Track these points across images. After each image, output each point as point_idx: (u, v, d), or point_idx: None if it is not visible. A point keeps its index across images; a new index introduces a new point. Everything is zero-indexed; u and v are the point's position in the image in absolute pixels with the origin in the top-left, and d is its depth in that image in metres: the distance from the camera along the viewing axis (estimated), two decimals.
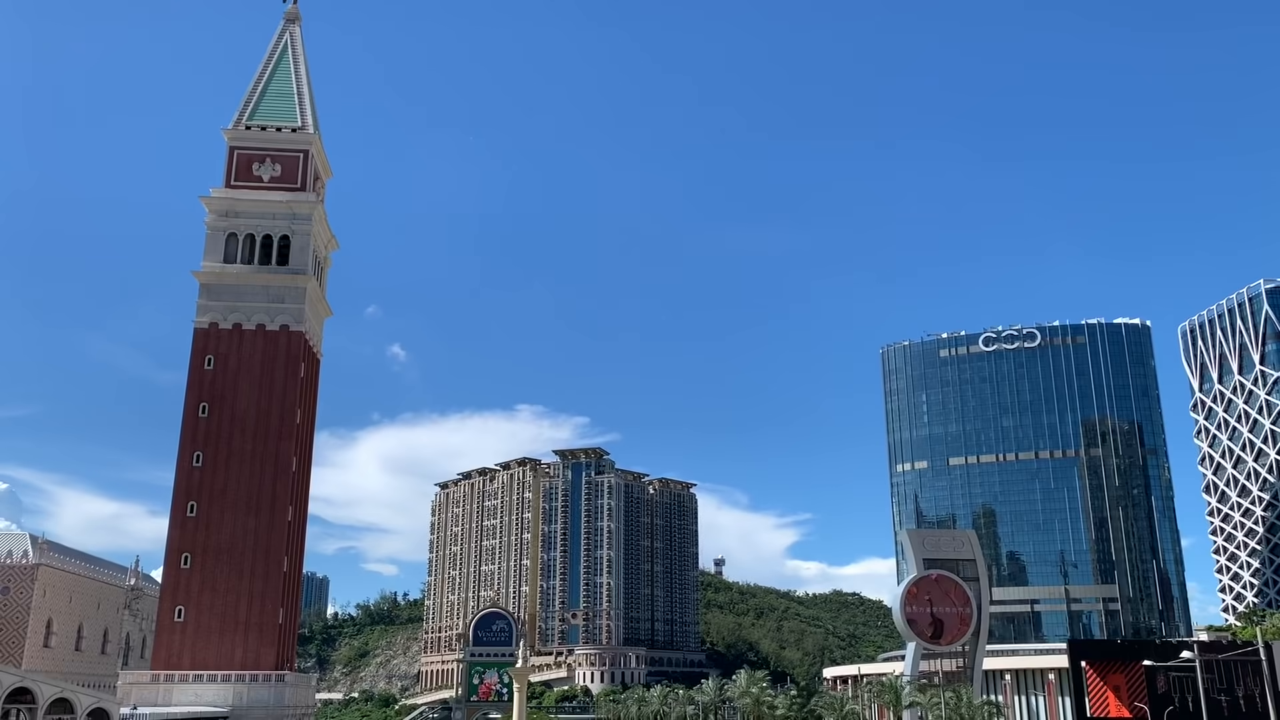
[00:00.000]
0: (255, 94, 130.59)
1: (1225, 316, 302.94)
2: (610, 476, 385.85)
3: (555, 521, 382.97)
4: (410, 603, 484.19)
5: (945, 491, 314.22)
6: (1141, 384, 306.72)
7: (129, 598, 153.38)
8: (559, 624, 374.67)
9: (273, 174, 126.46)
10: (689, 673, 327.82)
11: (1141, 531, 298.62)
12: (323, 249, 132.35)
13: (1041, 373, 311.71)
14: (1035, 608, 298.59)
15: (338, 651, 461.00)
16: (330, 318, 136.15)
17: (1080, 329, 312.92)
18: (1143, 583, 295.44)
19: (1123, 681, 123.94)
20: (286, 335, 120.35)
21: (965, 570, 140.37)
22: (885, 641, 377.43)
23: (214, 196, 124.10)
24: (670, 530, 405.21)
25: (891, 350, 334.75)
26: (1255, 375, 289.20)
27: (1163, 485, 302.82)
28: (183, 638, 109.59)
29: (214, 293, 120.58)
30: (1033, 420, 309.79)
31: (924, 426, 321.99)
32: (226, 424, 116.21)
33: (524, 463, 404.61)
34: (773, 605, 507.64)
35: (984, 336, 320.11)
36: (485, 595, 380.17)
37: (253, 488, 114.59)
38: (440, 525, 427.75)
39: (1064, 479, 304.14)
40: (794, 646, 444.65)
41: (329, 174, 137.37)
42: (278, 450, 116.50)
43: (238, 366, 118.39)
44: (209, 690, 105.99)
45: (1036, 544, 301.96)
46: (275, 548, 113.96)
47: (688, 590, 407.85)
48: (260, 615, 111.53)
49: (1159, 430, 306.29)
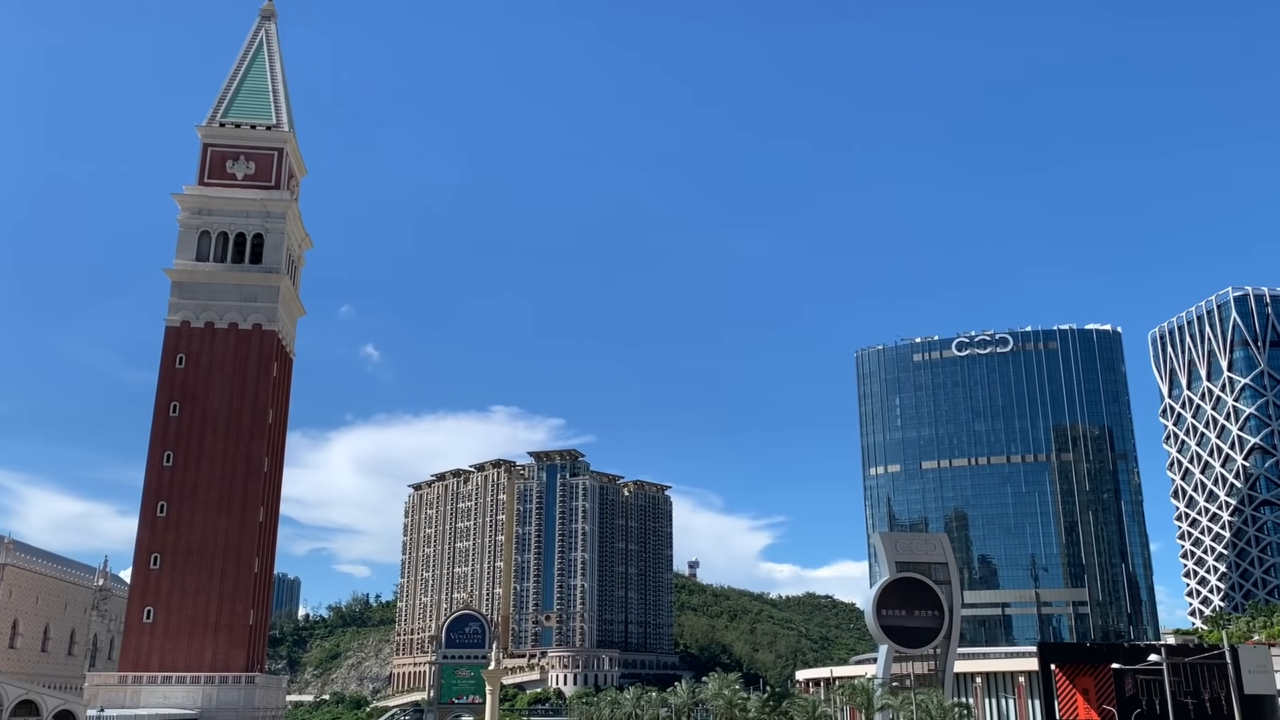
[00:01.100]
0: (230, 91, 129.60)
1: (1194, 323, 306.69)
2: (585, 478, 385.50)
3: (529, 523, 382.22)
4: (382, 604, 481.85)
5: (918, 495, 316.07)
6: (1112, 389, 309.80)
7: (97, 598, 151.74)
8: (532, 626, 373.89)
9: (247, 172, 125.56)
10: (662, 675, 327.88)
11: (1111, 535, 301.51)
12: (296, 248, 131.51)
13: (1014, 377, 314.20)
14: (1006, 611, 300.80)
15: (309, 653, 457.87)
16: (303, 317, 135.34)
17: (1052, 334, 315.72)
18: (1112, 586, 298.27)
19: (1091, 684, 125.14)
20: (259, 334, 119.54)
21: (937, 573, 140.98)
22: (858, 644, 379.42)
23: (187, 194, 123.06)
24: (645, 532, 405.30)
25: (866, 354, 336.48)
26: (1223, 381, 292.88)
27: (1132, 490, 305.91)
28: (151, 639, 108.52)
29: (186, 291, 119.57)
30: (1004, 424, 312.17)
31: (897, 430, 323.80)
32: (198, 423, 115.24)
33: (498, 464, 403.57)
34: (746, 608, 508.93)
35: (957, 341, 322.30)
36: (458, 597, 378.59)
37: (224, 488, 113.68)
38: (413, 527, 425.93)
39: (1035, 483, 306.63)
40: (767, 649, 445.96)
41: (303, 172, 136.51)
42: (249, 450, 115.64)
43: (209, 365, 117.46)
44: (178, 692, 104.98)
45: (1008, 547, 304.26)
46: (246, 548, 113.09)
47: (662, 593, 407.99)
48: (230, 616, 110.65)
49: (1129, 435, 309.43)
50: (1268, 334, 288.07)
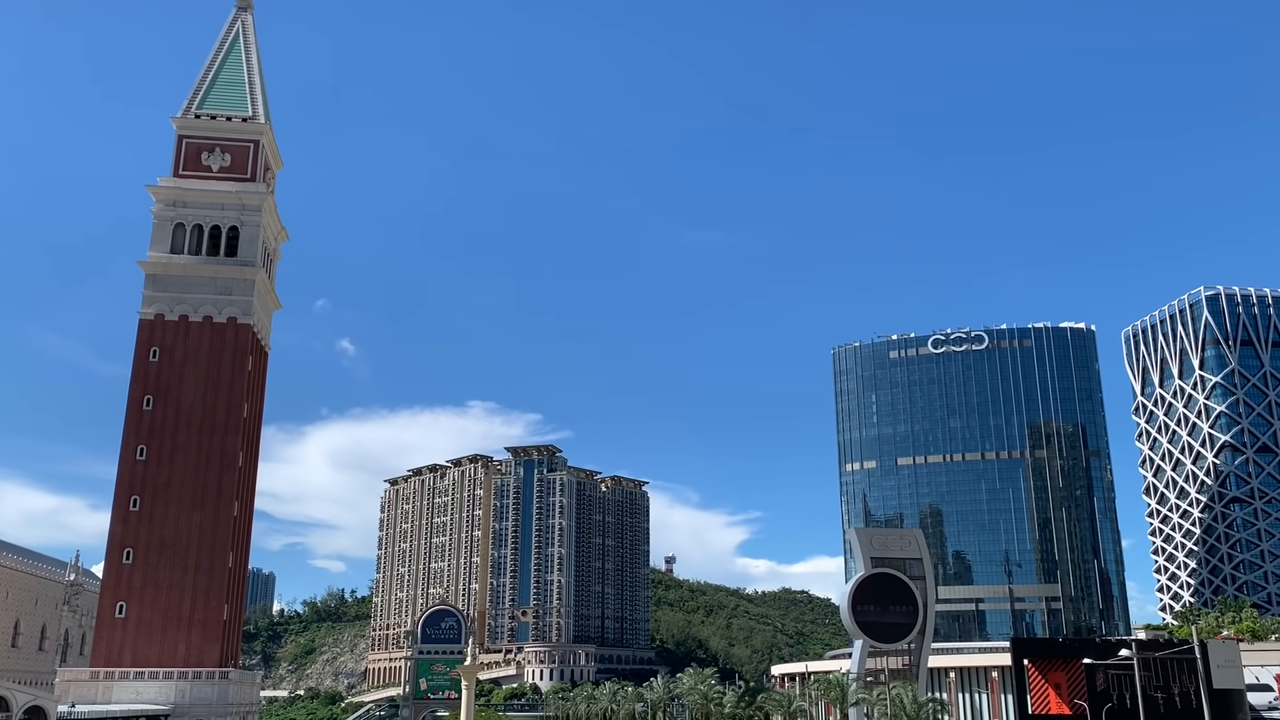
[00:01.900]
0: (205, 82, 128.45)
1: (1167, 322, 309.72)
2: (562, 474, 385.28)
3: (506, 519, 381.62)
4: (358, 600, 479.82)
5: (893, 491, 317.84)
6: (1085, 387, 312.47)
7: (68, 593, 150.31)
8: (509, 621, 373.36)
9: (222, 164, 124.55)
10: (639, 670, 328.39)
11: (1084, 532, 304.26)
12: (272, 240, 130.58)
13: (989, 375, 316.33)
14: (980, 606, 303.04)
15: (283, 648, 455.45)
16: (279, 310, 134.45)
17: (1027, 332, 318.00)
18: (1084, 582, 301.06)
19: (1063, 679, 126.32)
20: (234, 328, 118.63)
21: (912, 569, 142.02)
22: (833, 639, 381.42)
23: (161, 186, 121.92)
24: (622, 528, 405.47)
25: (843, 351, 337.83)
26: (1195, 380, 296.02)
27: (1105, 487, 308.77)
28: (124, 634, 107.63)
29: (160, 283, 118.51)
30: (979, 421, 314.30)
31: (873, 427, 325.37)
32: (171, 417, 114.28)
33: (475, 459, 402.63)
34: (722, 603, 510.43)
35: (933, 338, 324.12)
36: (435, 592, 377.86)
37: (198, 482, 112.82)
38: (389, 522, 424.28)
39: (1009, 480, 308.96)
40: (743, 644, 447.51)
41: (280, 165, 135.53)
42: (224, 444, 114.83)
43: (184, 359, 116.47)
44: (150, 688, 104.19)
45: (982, 543, 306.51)
46: (220, 543, 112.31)
47: (638, 588, 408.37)
48: (204, 611, 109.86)
49: (1102, 433, 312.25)
50: (1239, 333, 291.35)
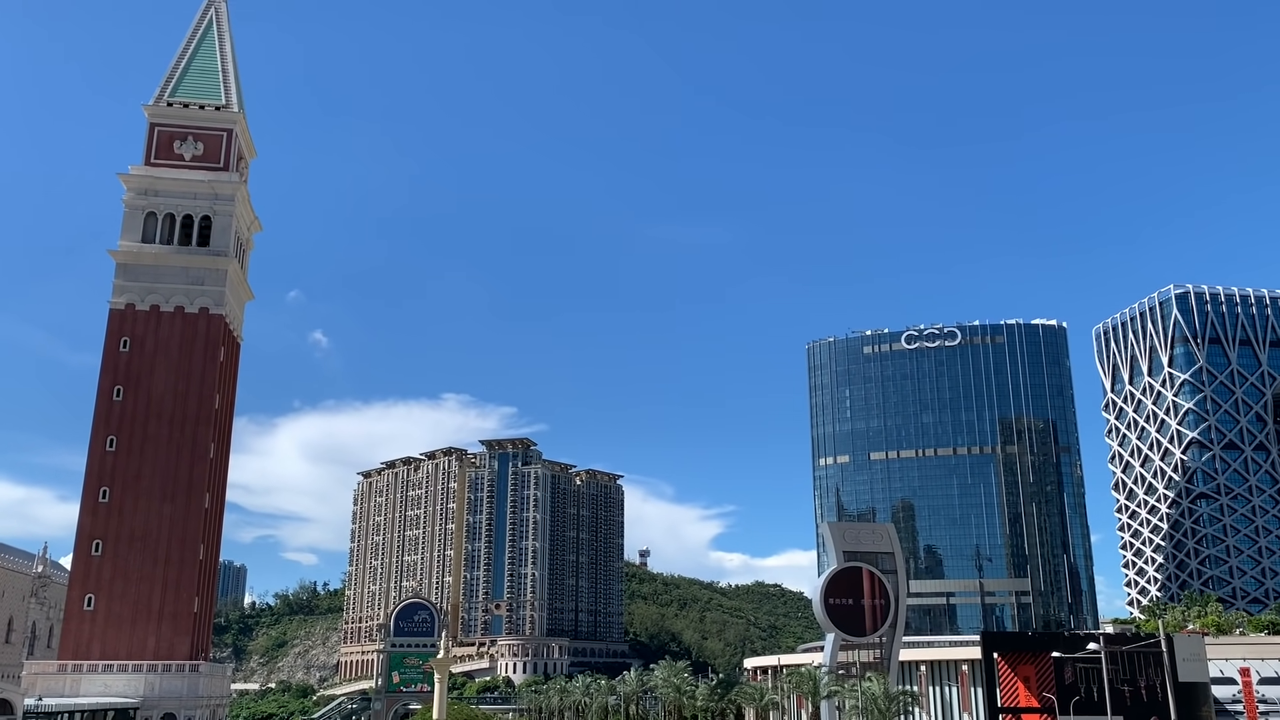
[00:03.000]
0: (178, 70, 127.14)
1: (1137, 320, 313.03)
2: (537, 467, 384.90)
3: (480, 512, 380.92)
4: (330, 592, 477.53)
5: (866, 485, 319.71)
6: (1057, 383, 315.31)
7: (36, 585, 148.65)
8: (482, 614, 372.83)
9: (195, 152, 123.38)
10: (612, 663, 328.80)
11: (1053, 527, 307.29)
12: (245, 230, 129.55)
13: (961, 371, 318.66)
14: (951, 600, 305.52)
15: (255, 641, 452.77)
16: (251, 301, 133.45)
17: (999, 329, 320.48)
18: (1053, 576, 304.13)
19: (1032, 672, 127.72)
20: (206, 318, 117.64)
21: (884, 563, 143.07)
22: (805, 632, 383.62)
23: (133, 174, 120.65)
24: (596, 521, 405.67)
25: (817, 346, 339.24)
26: (1164, 377, 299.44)
27: (1074, 482, 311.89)
28: (92, 627, 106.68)
29: (131, 273, 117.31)
30: (952, 417, 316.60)
31: (847, 422, 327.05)
32: (142, 408, 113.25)
33: (449, 452, 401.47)
34: (696, 596, 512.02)
35: (906, 334, 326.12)
36: (407, 585, 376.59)
37: (168, 474, 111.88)
38: (362, 514, 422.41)
39: (980, 475, 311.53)
40: (716, 637, 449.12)
41: (253, 154, 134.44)
42: (195, 436, 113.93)
43: (155, 349, 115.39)
44: (119, 680, 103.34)
45: (953, 538, 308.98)
46: (191, 535, 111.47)
47: (612, 581, 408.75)
48: (174, 604, 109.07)
49: (1072, 429, 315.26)
50: (1207, 331, 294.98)
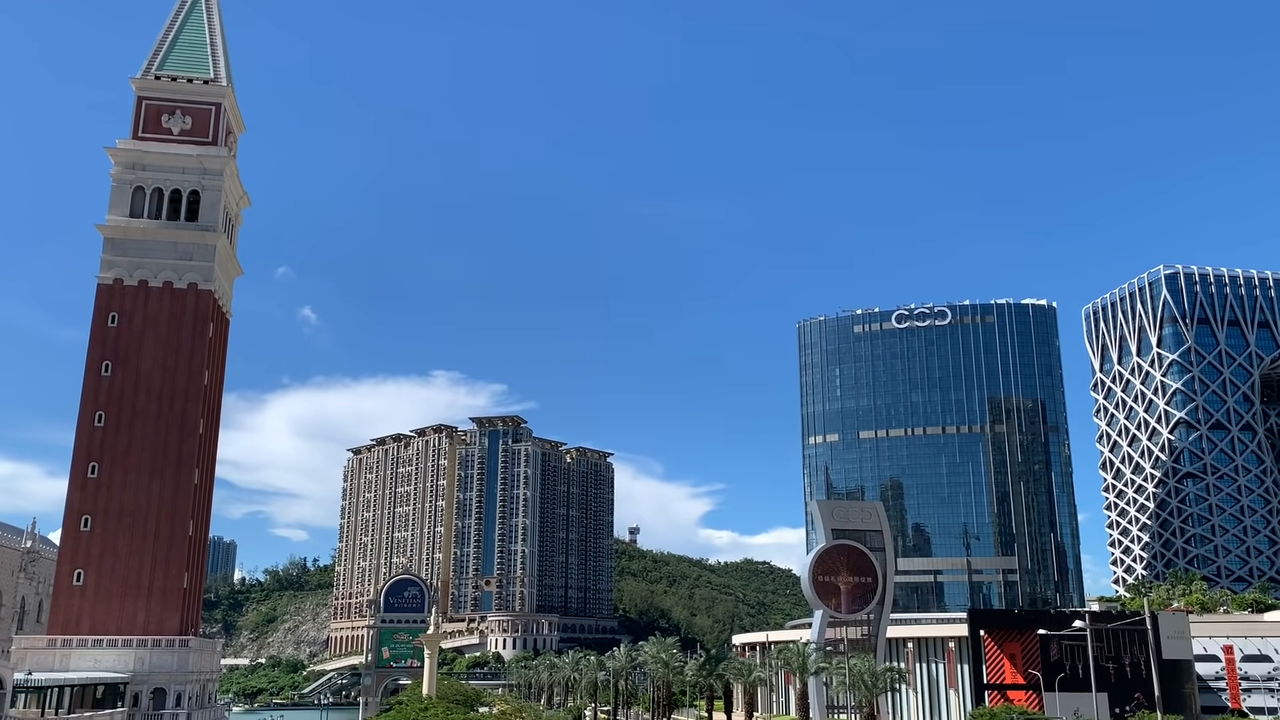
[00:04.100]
0: (166, 43, 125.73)
1: (1127, 300, 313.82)
2: (527, 445, 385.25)
3: (471, 489, 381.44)
4: (320, 568, 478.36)
5: (855, 464, 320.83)
6: (1046, 363, 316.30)
7: (25, 560, 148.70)
8: (472, 591, 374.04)
9: (183, 126, 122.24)
10: (601, 639, 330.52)
11: (1041, 506, 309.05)
12: (234, 206, 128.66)
13: (951, 350, 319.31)
14: (938, 578, 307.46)
15: (245, 617, 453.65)
16: (240, 277, 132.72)
17: (989, 308, 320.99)
18: (1040, 555, 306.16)
19: (1018, 650, 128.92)
20: (195, 294, 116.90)
21: (872, 541, 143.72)
22: (794, 609, 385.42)
23: (120, 148, 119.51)
24: (586, 499, 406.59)
25: (807, 325, 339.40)
26: (1152, 357, 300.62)
27: (1062, 462, 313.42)
28: (82, 602, 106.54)
29: (119, 248, 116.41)
30: (941, 396, 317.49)
31: (836, 400, 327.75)
32: (130, 383, 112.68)
33: (440, 429, 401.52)
34: (685, 573, 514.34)
35: (897, 313, 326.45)
36: (398, 562, 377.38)
37: (157, 449, 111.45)
38: (352, 491, 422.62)
39: (969, 454, 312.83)
40: (705, 614, 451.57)
41: (242, 128, 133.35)
42: (184, 412, 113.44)
43: (143, 325, 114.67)
44: (109, 655, 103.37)
45: (941, 516, 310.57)
46: (180, 511, 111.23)
47: (602, 558, 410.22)
48: (164, 579, 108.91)
49: (1061, 408, 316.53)
50: (1196, 311, 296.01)
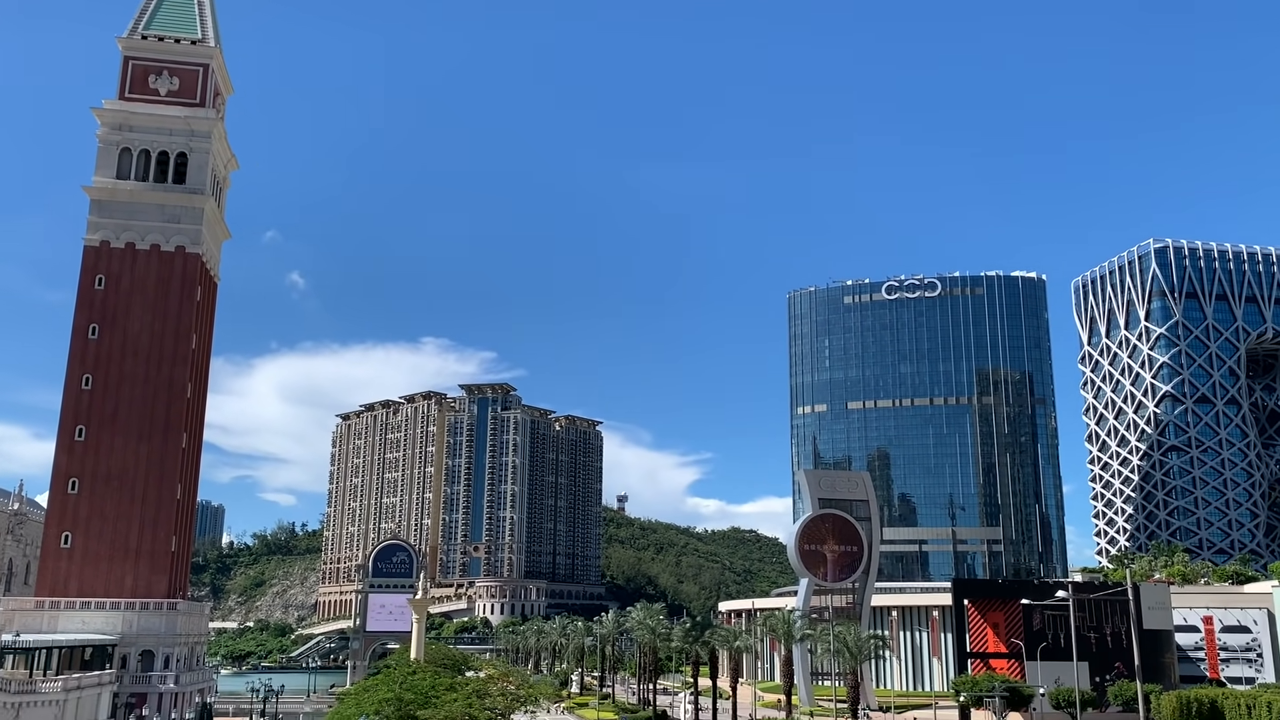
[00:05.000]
0: (153, 2, 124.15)
1: (1116, 273, 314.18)
2: (516, 412, 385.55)
3: (459, 456, 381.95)
4: (309, 533, 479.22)
5: (843, 434, 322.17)
6: (1034, 335, 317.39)
7: (11, 523, 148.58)
8: (460, 557, 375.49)
9: (170, 88, 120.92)
10: (589, 605, 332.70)
11: (1026, 477, 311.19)
12: (222, 168, 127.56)
13: (940, 321, 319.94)
14: (923, 548, 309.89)
15: (233, 581, 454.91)
16: (228, 240, 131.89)
17: (979, 280, 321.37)
18: (1025, 526, 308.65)
19: (1001, 619, 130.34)
20: (182, 257, 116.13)
21: (858, 510, 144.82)
22: (779, 577, 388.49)
23: (107, 109, 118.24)
24: (575, 466, 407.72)
25: (797, 295, 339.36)
26: (1140, 331, 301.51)
27: (1049, 434, 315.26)
28: (69, 564, 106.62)
29: (106, 209, 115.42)
30: (929, 367, 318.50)
31: (825, 371, 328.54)
32: (118, 346, 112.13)
33: (429, 396, 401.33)
34: (672, 541, 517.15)
35: (887, 285, 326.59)
36: (386, 527, 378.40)
37: (145, 413, 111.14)
38: (341, 456, 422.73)
39: (956, 425, 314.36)
40: (692, 581, 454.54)
41: (230, 90, 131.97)
42: (172, 375, 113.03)
43: (130, 287, 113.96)
44: (97, 617, 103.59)
45: (927, 487, 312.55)
46: (168, 474, 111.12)
47: (590, 525, 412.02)
48: (152, 542, 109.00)
49: (1048, 381, 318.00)
50: (1184, 285, 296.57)
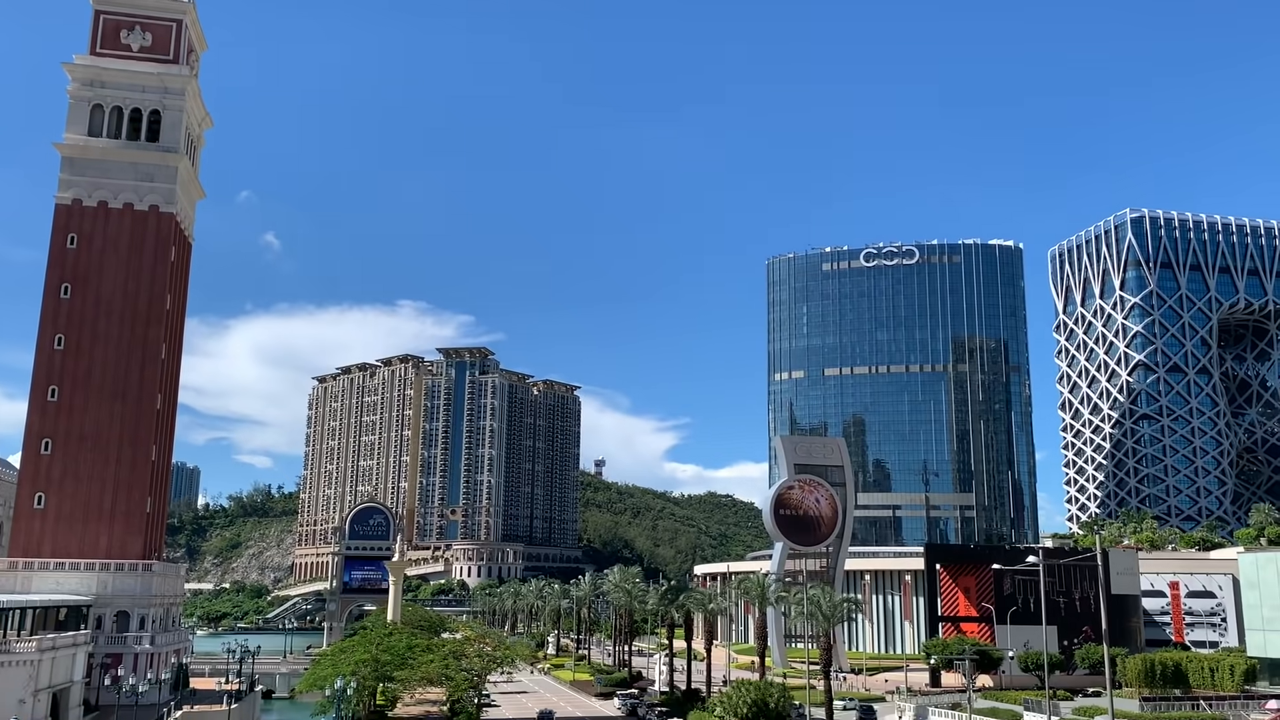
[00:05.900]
0: None
1: (1092, 243, 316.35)
2: (494, 376, 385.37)
3: (437, 419, 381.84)
4: (285, 495, 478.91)
5: (819, 400, 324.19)
6: (1010, 304, 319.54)
7: None
8: (438, 520, 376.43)
9: (143, 43, 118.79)
10: (566, 568, 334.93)
11: (1000, 444, 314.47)
12: (196, 127, 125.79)
13: (917, 289, 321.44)
14: (897, 513, 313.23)
15: (208, 542, 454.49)
16: (202, 200, 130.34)
17: (956, 248, 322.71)
18: (997, 492, 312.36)
19: (973, 583, 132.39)
20: (156, 216, 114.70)
21: (833, 476, 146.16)
22: (755, 541, 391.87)
23: (78, 64, 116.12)
24: (552, 431, 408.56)
25: (777, 262, 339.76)
26: (1115, 300, 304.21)
27: (1022, 401, 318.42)
28: (43, 525, 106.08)
29: (78, 167, 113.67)
30: (906, 335, 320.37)
31: (803, 337, 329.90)
32: (91, 306, 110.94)
33: (406, 359, 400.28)
34: (649, 505, 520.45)
35: (865, 252, 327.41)
36: (363, 490, 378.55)
37: (119, 373, 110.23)
38: (317, 419, 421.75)
39: (931, 392, 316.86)
40: (668, 544, 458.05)
41: (204, 47, 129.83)
42: (146, 336, 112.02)
43: (103, 246, 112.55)
44: (71, 578, 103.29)
45: (901, 453, 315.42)
46: (143, 435, 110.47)
47: (567, 489, 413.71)
48: (126, 503, 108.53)
49: (1023, 349, 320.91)
50: (1159, 255, 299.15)
